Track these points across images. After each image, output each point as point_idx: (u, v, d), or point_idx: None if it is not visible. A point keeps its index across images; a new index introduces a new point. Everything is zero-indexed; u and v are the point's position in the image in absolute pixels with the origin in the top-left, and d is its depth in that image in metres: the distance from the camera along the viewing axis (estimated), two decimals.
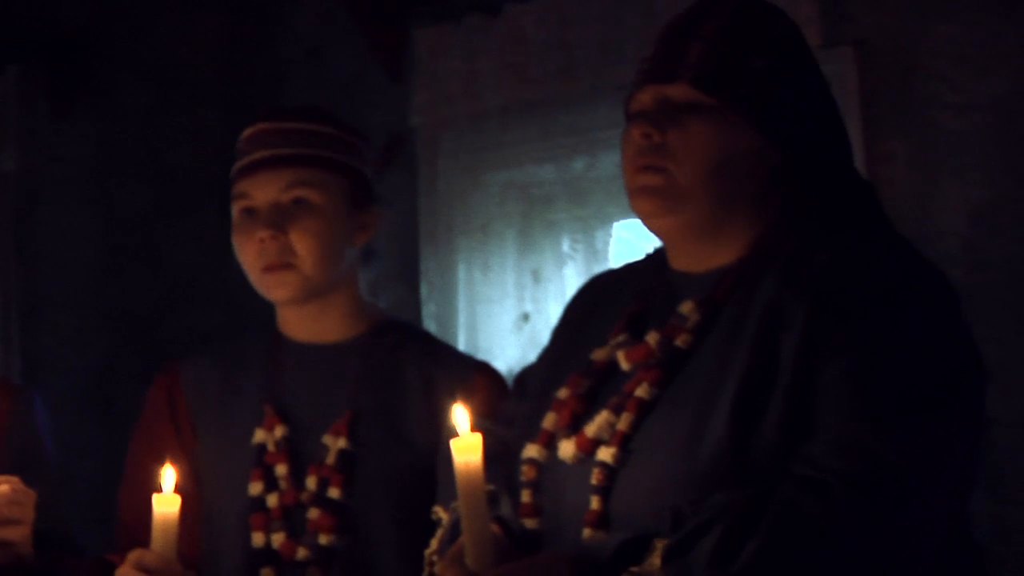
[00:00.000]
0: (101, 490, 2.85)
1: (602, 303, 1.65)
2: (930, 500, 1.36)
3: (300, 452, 1.88)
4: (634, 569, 1.35)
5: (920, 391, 1.37)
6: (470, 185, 3.15)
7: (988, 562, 2.40)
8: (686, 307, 1.51)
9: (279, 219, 1.88)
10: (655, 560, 1.34)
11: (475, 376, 1.94)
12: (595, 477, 1.46)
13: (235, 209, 1.93)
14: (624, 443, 1.47)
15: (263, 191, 1.90)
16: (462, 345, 3.12)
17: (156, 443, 1.93)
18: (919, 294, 1.43)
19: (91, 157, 3.40)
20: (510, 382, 1.85)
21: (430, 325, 3.15)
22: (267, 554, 1.84)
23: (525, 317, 3.05)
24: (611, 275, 1.73)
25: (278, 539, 1.84)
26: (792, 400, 1.38)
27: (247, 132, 1.96)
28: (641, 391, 1.48)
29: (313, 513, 1.84)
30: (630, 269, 1.69)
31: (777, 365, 1.40)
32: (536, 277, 3.05)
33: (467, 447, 1.39)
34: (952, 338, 1.43)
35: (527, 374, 1.75)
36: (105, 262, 3.38)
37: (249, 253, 1.90)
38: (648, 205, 1.51)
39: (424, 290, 3.18)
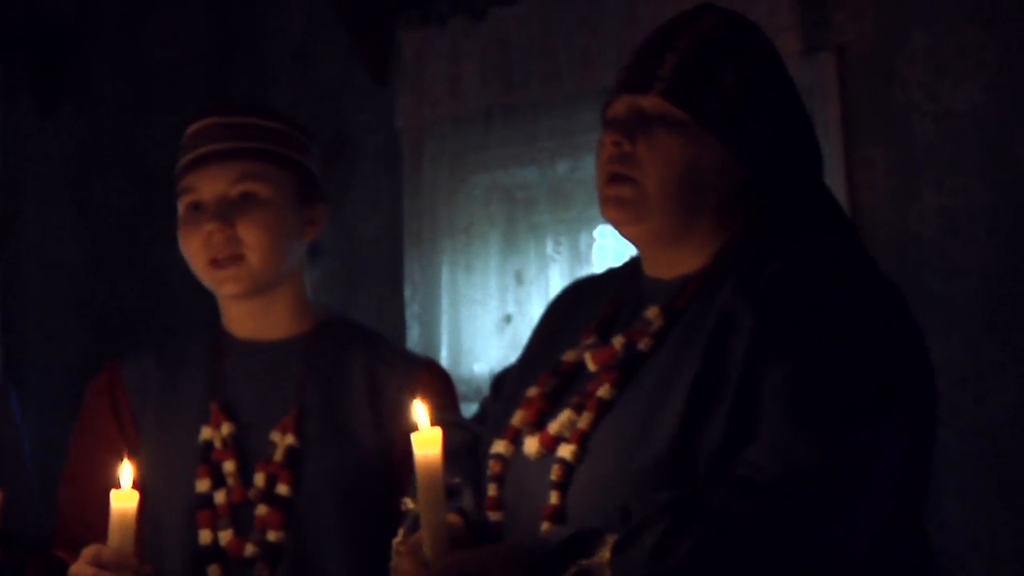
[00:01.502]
0: None
1: (581, 307, 1.68)
2: (855, 508, 1.38)
3: (246, 449, 1.87)
4: (583, 562, 1.38)
5: (854, 399, 1.39)
6: (454, 187, 3.17)
7: (957, 568, 2.45)
8: (651, 312, 1.55)
9: (227, 212, 1.86)
10: (605, 553, 1.38)
11: (421, 374, 1.95)
12: (554, 473, 1.50)
13: (181, 204, 1.91)
14: (583, 440, 1.50)
15: (210, 185, 1.88)
16: (445, 346, 3.14)
17: (99, 441, 1.92)
18: (865, 304, 1.45)
19: (74, 156, 3.40)
20: (492, 384, 1.86)
21: (413, 326, 3.17)
22: (214, 551, 1.83)
23: (508, 319, 3.06)
24: (592, 280, 1.77)
25: (225, 536, 1.83)
26: (737, 404, 1.42)
27: (193, 127, 1.94)
28: (602, 391, 1.52)
29: (261, 510, 1.84)
30: (610, 274, 1.73)
31: (725, 371, 1.44)
32: (519, 279, 3.07)
33: (426, 441, 1.42)
34: (894, 348, 1.45)
35: (505, 374, 1.78)
36: (87, 261, 3.38)
37: (195, 246, 1.88)
38: (616, 214, 1.55)
39: (408, 291, 3.20)
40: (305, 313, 1.97)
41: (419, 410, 1.45)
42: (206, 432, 1.89)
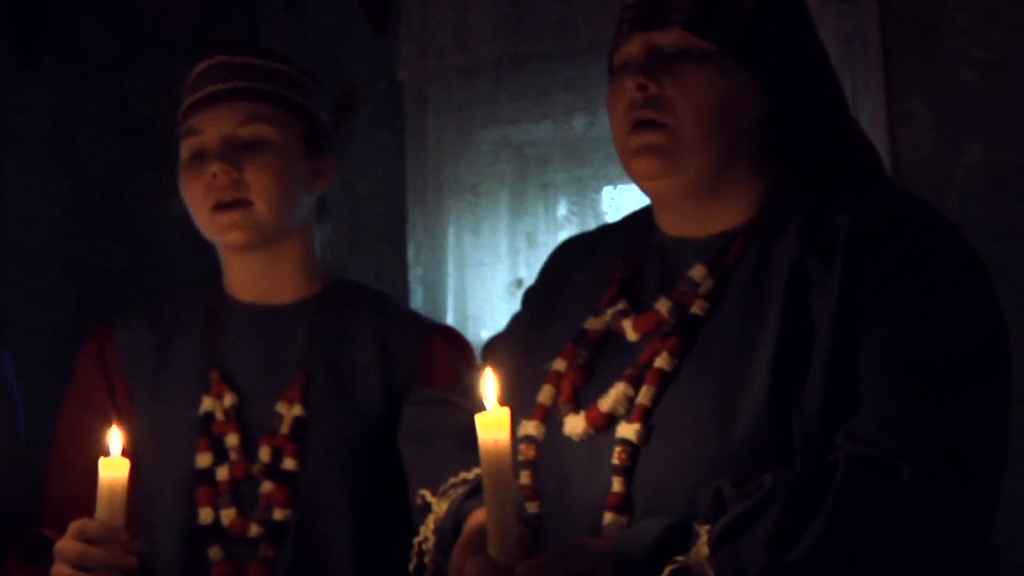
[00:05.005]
0: None
1: (579, 268, 1.57)
2: (991, 479, 1.30)
3: (248, 421, 1.76)
4: (680, 558, 1.25)
5: (966, 361, 1.31)
6: (461, 143, 3.03)
7: (1006, 545, 2.32)
8: (697, 272, 1.43)
9: (233, 154, 1.76)
10: (702, 548, 1.25)
11: (434, 339, 1.83)
12: (617, 456, 1.37)
13: (184, 147, 1.81)
14: (646, 418, 1.37)
15: (216, 125, 1.78)
16: (451, 311, 3.02)
17: (90, 412, 1.80)
18: (952, 258, 1.38)
19: (57, 108, 3.28)
20: (482, 354, 1.71)
21: (417, 290, 3.04)
22: (214, 531, 1.72)
23: (518, 283, 2.93)
24: (584, 238, 1.66)
25: (228, 515, 1.72)
26: (833, 370, 1.31)
27: (200, 66, 1.83)
28: (661, 361, 1.39)
29: (266, 487, 1.73)
30: (606, 232, 1.62)
31: (811, 334, 1.33)
32: (530, 241, 2.95)
33: (494, 423, 1.25)
34: (990, 305, 1.37)
35: (496, 343, 1.65)
36: (72, 218, 3.27)
37: (198, 191, 1.77)
38: (649, 165, 1.42)
39: (411, 253, 3.07)
40: (312, 275, 1.85)
41: (488, 384, 1.28)
42: (207, 403, 1.77)
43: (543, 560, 1.26)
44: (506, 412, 1.26)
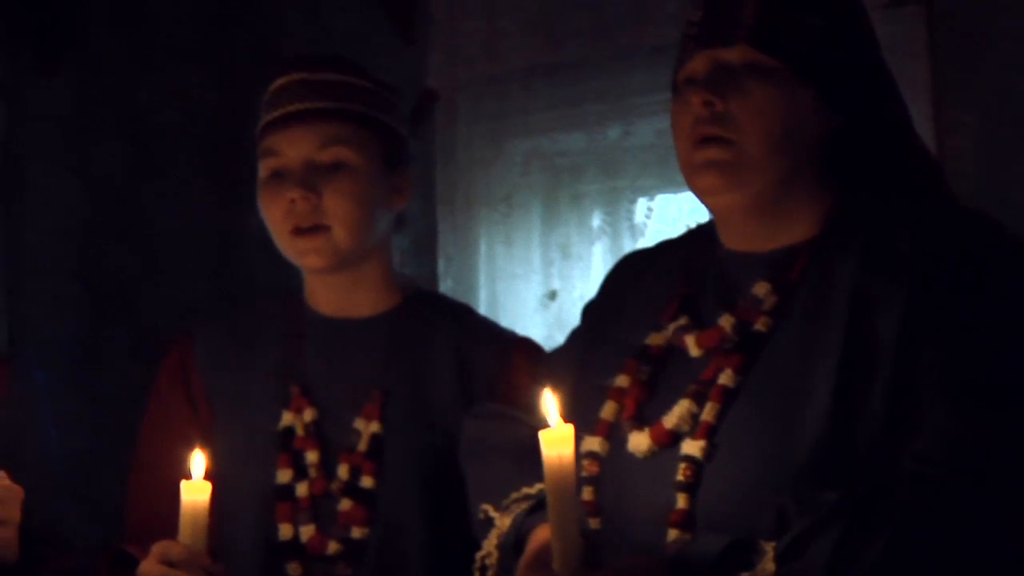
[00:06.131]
0: (86, 468, 2.70)
1: (640, 284, 1.59)
2: None
3: (327, 437, 1.76)
4: (745, 575, 1.27)
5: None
6: (492, 154, 2.99)
7: None
8: (760, 288, 1.44)
9: (312, 178, 1.75)
10: (768, 564, 1.26)
11: (512, 353, 1.82)
12: (682, 473, 1.38)
13: (263, 167, 1.80)
14: (710, 435, 1.39)
15: (295, 148, 1.77)
16: None
17: (171, 427, 1.80)
18: (1017, 277, 1.38)
19: (74, 116, 3.26)
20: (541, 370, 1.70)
21: None
22: (293, 547, 1.72)
23: (552, 295, 2.89)
24: (645, 254, 1.67)
25: (307, 532, 1.73)
26: (897, 388, 1.32)
27: (278, 82, 1.81)
28: (725, 379, 1.41)
29: (345, 504, 1.73)
30: (666, 248, 1.64)
31: (874, 352, 1.34)
32: (564, 253, 2.90)
33: (558, 439, 1.28)
34: None
35: (555, 359, 1.67)
36: (88, 226, 3.25)
37: (277, 214, 1.77)
38: (713, 181, 1.44)
39: (441, 265, 3.02)
40: (392, 288, 1.85)
41: (549, 401, 1.29)
42: (287, 418, 1.77)
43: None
44: (570, 428, 1.27)
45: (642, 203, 2.81)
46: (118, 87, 3.29)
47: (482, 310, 2.96)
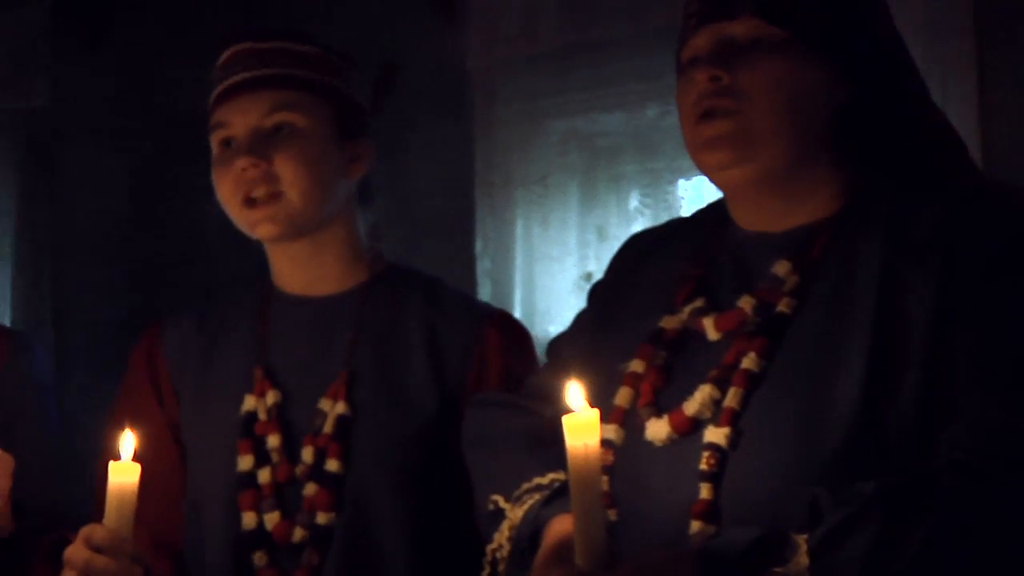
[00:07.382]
0: None
1: (648, 266, 1.53)
2: None
3: (292, 420, 1.71)
4: (778, 570, 1.20)
5: None
6: (529, 134, 2.97)
7: None
8: (781, 268, 1.38)
9: (260, 146, 1.71)
10: (802, 558, 1.20)
11: (487, 330, 1.76)
12: (705, 462, 1.32)
13: (213, 141, 1.77)
14: (734, 422, 1.32)
15: (242, 117, 1.73)
16: (518, 306, 2.96)
17: (138, 412, 1.75)
18: None
19: (116, 97, 3.26)
20: (547, 353, 1.65)
21: (484, 283, 2.99)
22: (258, 536, 1.67)
23: (588, 276, 2.86)
24: (654, 233, 1.61)
25: (272, 519, 1.67)
26: (931, 370, 1.27)
27: (224, 55, 1.79)
28: (749, 362, 1.34)
29: (310, 489, 1.68)
30: (674, 227, 1.59)
31: (906, 334, 1.29)
32: (601, 234, 2.88)
33: (584, 426, 1.20)
34: None
35: (562, 342, 1.61)
36: (131, 208, 3.26)
37: (228, 186, 1.74)
38: (719, 155, 1.38)
39: (479, 245, 3.01)
40: (358, 262, 1.79)
41: (574, 389, 1.23)
42: (249, 402, 1.72)
43: (631, 570, 1.21)
44: (596, 415, 1.22)
45: (680, 184, 2.79)
46: (160, 68, 3.28)
47: (518, 291, 2.96)
